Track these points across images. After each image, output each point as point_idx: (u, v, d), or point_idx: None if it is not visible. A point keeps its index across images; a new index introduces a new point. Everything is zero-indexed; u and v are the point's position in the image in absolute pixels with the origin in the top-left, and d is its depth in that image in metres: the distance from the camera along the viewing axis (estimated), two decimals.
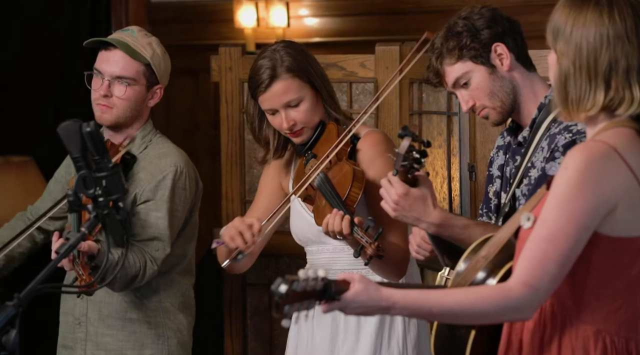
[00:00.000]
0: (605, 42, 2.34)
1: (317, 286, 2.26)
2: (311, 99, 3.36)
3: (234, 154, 4.51)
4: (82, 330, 3.66)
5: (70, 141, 2.45)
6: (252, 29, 6.69)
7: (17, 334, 2.28)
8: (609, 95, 2.35)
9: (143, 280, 3.51)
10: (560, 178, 2.32)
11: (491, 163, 3.16)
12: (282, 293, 2.20)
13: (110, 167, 2.44)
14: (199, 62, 5.24)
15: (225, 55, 4.52)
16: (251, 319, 4.60)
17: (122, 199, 2.48)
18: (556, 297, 2.38)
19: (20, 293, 2.33)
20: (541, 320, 2.41)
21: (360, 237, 3.07)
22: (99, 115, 3.60)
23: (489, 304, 2.33)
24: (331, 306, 2.32)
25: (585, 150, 2.33)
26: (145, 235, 3.54)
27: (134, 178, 3.59)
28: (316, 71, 3.39)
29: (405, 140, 2.71)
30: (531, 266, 2.31)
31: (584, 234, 2.30)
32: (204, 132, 6.62)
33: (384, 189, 2.84)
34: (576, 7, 2.37)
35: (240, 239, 3.23)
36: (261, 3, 6.72)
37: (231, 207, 4.54)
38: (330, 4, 6.64)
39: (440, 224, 2.83)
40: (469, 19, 2.97)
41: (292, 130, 3.36)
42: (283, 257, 4.42)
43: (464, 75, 2.98)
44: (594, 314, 2.37)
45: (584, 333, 2.38)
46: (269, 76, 3.33)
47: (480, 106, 2.99)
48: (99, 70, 3.60)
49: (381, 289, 2.35)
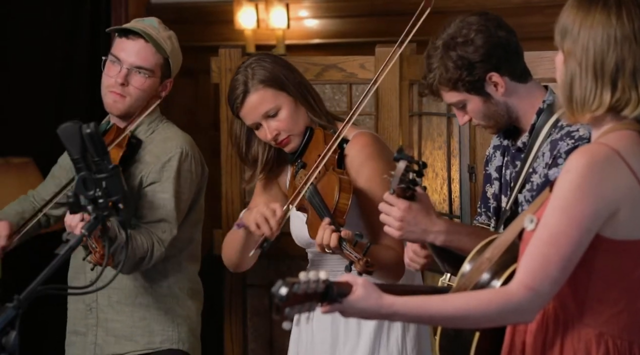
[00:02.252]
0: (612, 43, 2.34)
1: (318, 288, 2.25)
2: (289, 107, 3.37)
3: (234, 155, 4.51)
4: (93, 316, 3.68)
5: (70, 142, 2.45)
6: (252, 30, 6.68)
7: (17, 335, 2.28)
8: (616, 96, 2.34)
9: (151, 262, 3.52)
10: (562, 181, 2.32)
11: (487, 162, 3.15)
12: (283, 295, 2.19)
13: (110, 169, 2.44)
14: (199, 63, 5.23)
15: (225, 57, 4.52)
16: (251, 320, 4.60)
17: (123, 200, 2.48)
18: (559, 299, 2.38)
19: (20, 294, 2.33)
20: (544, 322, 2.41)
21: (349, 253, 3.07)
22: (110, 103, 3.60)
23: (490, 308, 2.32)
24: (332, 308, 2.32)
25: (587, 153, 2.32)
26: (152, 217, 3.55)
27: (140, 161, 3.61)
28: (289, 78, 3.40)
29: (401, 164, 2.70)
30: (532, 269, 2.30)
31: (586, 237, 2.30)
32: (204, 133, 6.61)
33: (384, 211, 2.82)
34: (584, 7, 2.37)
35: (267, 225, 3.22)
36: (261, 4, 6.71)
37: (231, 208, 4.54)
38: (330, 6, 6.63)
39: (447, 231, 2.82)
40: (464, 50, 2.91)
41: (277, 140, 3.38)
42: (284, 258, 4.42)
43: (458, 102, 2.98)
44: (597, 317, 2.37)
45: (586, 336, 2.37)
46: (242, 91, 3.37)
47: (476, 122, 3.01)
48: (117, 57, 3.59)
49: (383, 296, 2.34)
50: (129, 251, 3.36)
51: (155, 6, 6.87)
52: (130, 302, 3.65)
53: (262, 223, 3.22)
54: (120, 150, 3.54)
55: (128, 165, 3.58)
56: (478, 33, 2.92)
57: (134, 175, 3.58)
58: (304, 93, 3.42)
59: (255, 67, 3.38)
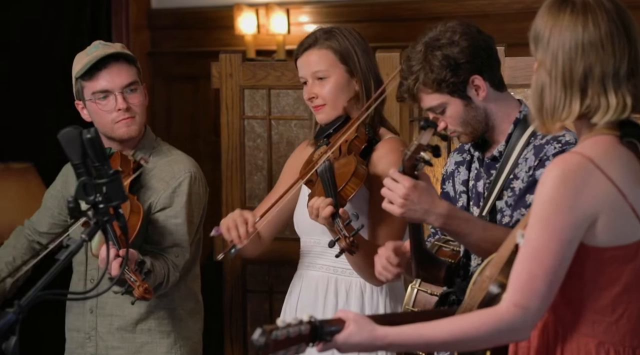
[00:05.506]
0: (580, 50, 2.32)
1: (302, 331, 2.26)
2: (339, 80, 3.39)
3: (234, 160, 4.51)
4: (92, 345, 3.66)
5: (70, 148, 2.45)
6: (253, 35, 6.69)
7: (17, 340, 2.28)
8: (585, 103, 2.33)
9: (167, 287, 3.52)
10: (538, 194, 2.31)
11: (445, 180, 3.16)
12: (262, 344, 2.21)
13: (110, 174, 2.44)
14: (200, 68, 5.24)
15: (226, 62, 4.52)
16: (251, 325, 4.59)
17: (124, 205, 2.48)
18: (555, 313, 2.38)
19: (20, 300, 2.33)
20: (544, 336, 2.41)
21: (340, 229, 3.09)
22: (124, 130, 3.57)
23: (483, 330, 2.32)
24: (325, 346, 2.34)
25: (559, 164, 2.31)
26: (166, 242, 3.55)
27: (147, 187, 3.59)
28: (360, 61, 3.40)
29: (428, 132, 2.71)
30: (519, 286, 2.30)
31: (568, 249, 2.29)
32: (204, 138, 6.62)
33: (389, 187, 2.80)
34: (554, 13, 2.36)
35: (235, 232, 3.25)
36: (261, 10, 6.72)
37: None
38: (330, 11, 6.64)
39: (447, 214, 2.81)
40: (449, 50, 2.92)
41: (313, 103, 3.40)
42: (284, 264, 4.42)
43: (439, 105, 2.97)
44: (595, 327, 2.36)
45: (585, 347, 2.37)
46: (310, 42, 3.42)
47: (452, 130, 3.00)
48: (105, 90, 3.56)
49: (376, 328, 2.35)
50: (151, 278, 3.37)
51: (156, 12, 6.88)
52: (132, 328, 3.63)
53: (232, 229, 3.25)
54: (128, 177, 3.51)
55: (134, 191, 3.56)
56: (462, 35, 2.94)
57: (141, 201, 3.54)
58: (366, 78, 3.41)
59: (336, 32, 3.42)
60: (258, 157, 4.53)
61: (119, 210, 2.46)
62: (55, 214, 3.76)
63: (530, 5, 5.94)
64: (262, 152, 4.51)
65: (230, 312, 4.58)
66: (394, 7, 6.39)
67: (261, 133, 4.51)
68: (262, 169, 4.51)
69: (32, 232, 3.80)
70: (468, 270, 3.03)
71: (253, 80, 4.47)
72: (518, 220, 2.88)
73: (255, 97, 4.48)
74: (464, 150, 3.14)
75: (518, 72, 3.94)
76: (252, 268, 4.54)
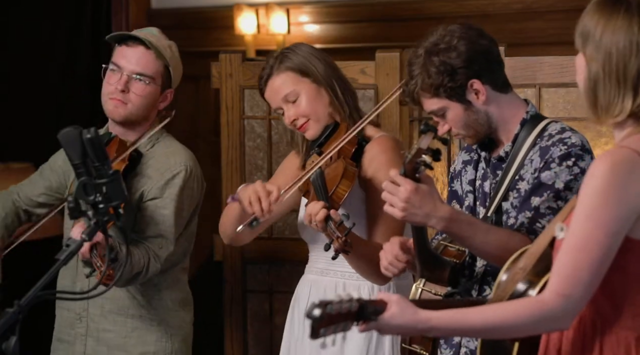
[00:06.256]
0: (634, 50, 2.36)
1: (352, 308, 2.28)
2: (309, 92, 3.42)
3: (234, 160, 4.51)
4: (83, 326, 3.67)
5: (70, 147, 2.45)
6: (253, 35, 6.69)
7: (17, 340, 2.28)
8: (637, 102, 2.37)
9: (146, 276, 3.53)
10: (587, 187, 2.33)
11: (453, 179, 3.16)
12: (317, 316, 2.21)
13: (110, 174, 2.44)
14: (200, 68, 5.23)
15: (226, 62, 4.52)
16: (251, 325, 4.59)
17: (125, 204, 2.48)
18: (595, 305, 2.39)
19: (20, 300, 2.33)
20: (581, 329, 2.42)
21: (332, 231, 3.10)
22: (111, 109, 3.60)
23: (525, 317, 2.34)
24: (368, 326, 2.34)
25: (609, 157, 2.34)
26: (150, 232, 3.55)
27: (141, 175, 3.61)
28: (318, 68, 3.44)
29: (428, 136, 2.70)
30: (564, 276, 2.32)
31: (615, 241, 2.32)
32: (204, 138, 6.62)
33: (389, 190, 2.78)
34: (606, 12, 2.40)
35: (258, 205, 3.23)
36: (261, 10, 6.72)
37: None
38: (330, 11, 6.65)
39: (449, 218, 2.80)
40: (447, 56, 2.92)
41: (296, 125, 3.42)
42: (284, 264, 4.42)
43: (439, 109, 2.98)
44: (635, 320, 2.38)
45: (625, 340, 2.38)
46: (267, 73, 3.47)
47: (455, 132, 3.01)
48: (118, 65, 3.60)
49: (418, 311, 2.37)
50: (127, 267, 3.37)
51: (156, 12, 6.89)
52: (124, 312, 3.65)
53: (255, 202, 3.24)
54: (122, 163, 3.53)
55: (128, 177, 3.58)
56: (461, 40, 2.93)
57: (134, 189, 3.57)
58: (331, 82, 3.44)
59: (286, 53, 3.47)
60: (258, 157, 4.53)
61: (119, 210, 2.46)
62: (53, 186, 3.75)
63: (530, 5, 5.98)
64: (262, 152, 4.51)
65: (230, 312, 4.58)
66: (394, 7, 6.39)
67: (261, 133, 4.51)
68: (262, 169, 4.51)
69: (22, 198, 3.79)
70: (473, 270, 3.03)
71: (253, 80, 4.46)
72: (522, 223, 2.88)
73: (255, 97, 4.48)
74: (471, 150, 3.14)
75: (518, 72, 3.94)
76: (252, 268, 4.54)
